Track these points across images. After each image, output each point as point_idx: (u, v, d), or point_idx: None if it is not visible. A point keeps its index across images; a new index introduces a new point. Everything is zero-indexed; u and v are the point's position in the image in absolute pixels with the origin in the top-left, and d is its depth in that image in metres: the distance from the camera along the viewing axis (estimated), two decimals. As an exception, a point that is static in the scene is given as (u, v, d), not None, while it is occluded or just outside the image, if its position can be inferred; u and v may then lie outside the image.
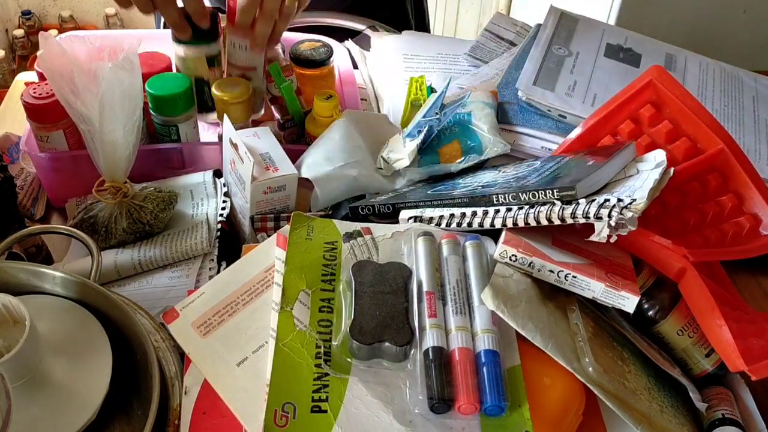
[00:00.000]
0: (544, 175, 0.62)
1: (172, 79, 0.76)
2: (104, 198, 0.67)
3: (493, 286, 0.54)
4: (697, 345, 0.60)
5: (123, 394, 0.50)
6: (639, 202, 0.53)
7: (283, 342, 0.53)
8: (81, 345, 0.51)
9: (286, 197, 0.68)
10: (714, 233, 0.63)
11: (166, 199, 0.69)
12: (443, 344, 0.52)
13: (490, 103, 0.79)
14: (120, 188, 0.67)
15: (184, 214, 0.71)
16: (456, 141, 0.76)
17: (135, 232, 0.68)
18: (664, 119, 0.68)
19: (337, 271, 0.58)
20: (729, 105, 0.87)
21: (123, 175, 0.67)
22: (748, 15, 1.65)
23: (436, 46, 1.02)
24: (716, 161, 0.65)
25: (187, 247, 0.66)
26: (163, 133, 0.76)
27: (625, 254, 0.61)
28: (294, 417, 0.49)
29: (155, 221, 0.68)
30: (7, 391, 0.41)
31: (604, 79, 0.85)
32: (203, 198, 0.72)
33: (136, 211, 0.67)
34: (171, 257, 0.66)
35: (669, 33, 1.57)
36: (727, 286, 0.65)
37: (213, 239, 0.67)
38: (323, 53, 0.83)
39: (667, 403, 0.56)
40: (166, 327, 0.56)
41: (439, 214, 0.62)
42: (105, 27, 2.34)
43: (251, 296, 0.57)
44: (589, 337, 0.55)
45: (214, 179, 0.74)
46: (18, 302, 0.48)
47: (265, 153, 0.68)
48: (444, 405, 0.49)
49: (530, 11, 1.97)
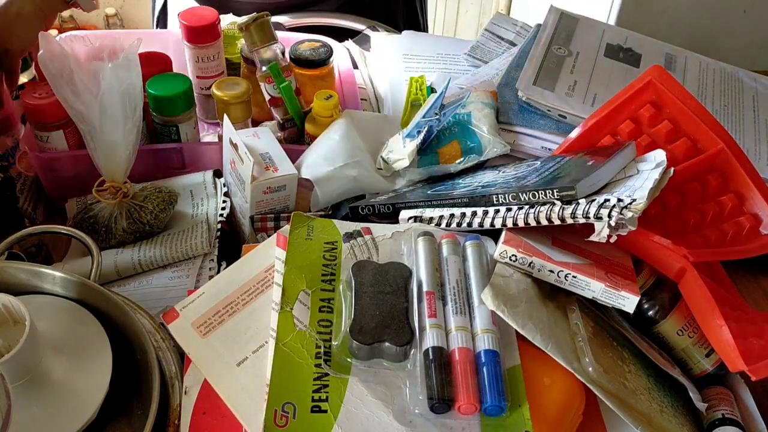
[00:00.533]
0: (544, 175, 0.62)
1: (172, 79, 0.76)
2: (104, 198, 0.67)
3: (493, 286, 0.54)
4: (697, 345, 0.60)
5: (123, 394, 0.50)
6: (639, 202, 0.53)
7: (283, 342, 0.53)
8: (81, 345, 0.51)
9: (286, 197, 0.68)
10: (714, 233, 0.63)
11: (166, 199, 0.69)
12: (443, 344, 0.52)
13: (489, 103, 0.79)
14: (120, 188, 0.67)
15: (184, 214, 0.71)
16: (456, 141, 0.76)
17: (135, 232, 0.68)
18: (664, 119, 0.68)
19: (337, 271, 0.58)
20: (729, 105, 0.87)
21: (123, 175, 0.67)
22: (748, 15, 1.65)
23: (436, 46, 1.02)
24: (716, 161, 0.65)
25: (187, 247, 0.66)
26: (163, 133, 0.76)
27: (625, 254, 0.61)
28: (294, 417, 0.49)
29: (155, 221, 0.68)
30: (7, 391, 0.41)
31: (604, 79, 0.85)
32: (203, 198, 0.72)
33: (136, 211, 0.67)
34: (171, 257, 0.66)
35: (669, 33, 1.57)
36: (727, 286, 0.65)
37: (213, 239, 0.67)
38: (323, 53, 0.83)
39: (667, 403, 0.56)
40: (166, 327, 0.56)
41: (439, 214, 0.62)
42: (105, 27, 2.34)
43: (251, 296, 0.57)
44: (589, 337, 0.55)
45: (214, 179, 0.74)
46: (18, 302, 0.48)
47: (265, 153, 0.68)
48: (444, 405, 0.49)
49: (530, 11, 1.97)
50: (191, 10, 0.85)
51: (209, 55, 0.84)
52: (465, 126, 0.77)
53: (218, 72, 0.86)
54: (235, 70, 0.89)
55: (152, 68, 0.78)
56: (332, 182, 0.69)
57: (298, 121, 0.80)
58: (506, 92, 0.83)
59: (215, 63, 0.85)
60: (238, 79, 0.78)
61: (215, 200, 0.72)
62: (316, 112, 0.76)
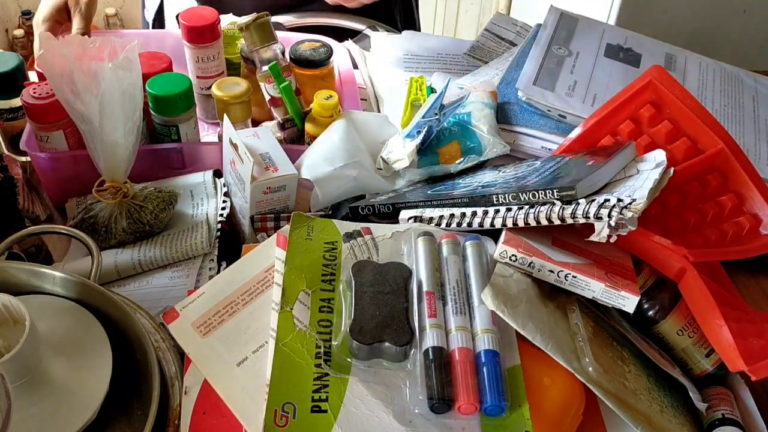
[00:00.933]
0: (544, 175, 0.62)
1: (172, 79, 0.75)
2: (104, 198, 0.67)
3: (493, 286, 0.54)
4: (697, 345, 0.60)
5: (123, 394, 0.50)
6: (639, 201, 0.53)
7: (283, 342, 0.53)
8: (81, 345, 0.51)
9: (286, 197, 0.68)
10: (714, 233, 0.63)
11: (166, 199, 0.69)
12: (443, 344, 0.52)
13: (489, 103, 0.79)
14: (120, 188, 0.67)
15: (185, 214, 0.71)
16: (456, 142, 0.76)
17: (135, 232, 0.68)
18: (664, 119, 0.68)
19: (337, 271, 0.58)
20: (729, 105, 0.87)
21: (123, 175, 0.67)
22: (748, 15, 1.65)
23: (436, 46, 1.02)
24: (716, 161, 0.65)
25: (187, 247, 0.66)
26: (163, 133, 0.76)
27: (625, 254, 0.61)
28: (294, 417, 0.49)
29: (155, 221, 0.68)
30: (7, 391, 0.41)
31: (604, 79, 0.85)
32: (203, 198, 0.72)
33: (136, 211, 0.67)
34: (171, 257, 0.66)
35: (669, 33, 1.57)
36: (727, 286, 0.65)
37: (213, 239, 0.67)
38: (323, 53, 0.83)
39: (667, 403, 0.56)
40: (166, 327, 0.56)
41: (439, 214, 0.62)
42: (105, 27, 2.34)
43: (251, 296, 0.57)
44: (589, 337, 0.55)
45: (214, 179, 0.74)
46: (18, 302, 0.48)
47: (265, 153, 0.68)
48: (444, 405, 0.49)
49: (530, 11, 1.97)
50: (191, 10, 0.84)
51: (209, 55, 0.84)
52: (465, 126, 0.77)
53: (218, 72, 0.86)
54: (235, 70, 0.89)
55: (152, 68, 0.78)
56: (332, 182, 0.69)
57: (298, 122, 0.80)
58: (506, 92, 0.83)
59: (215, 63, 0.85)
60: (238, 79, 0.78)
61: (215, 200, 0.72)
62: (317, 112, 0.76)
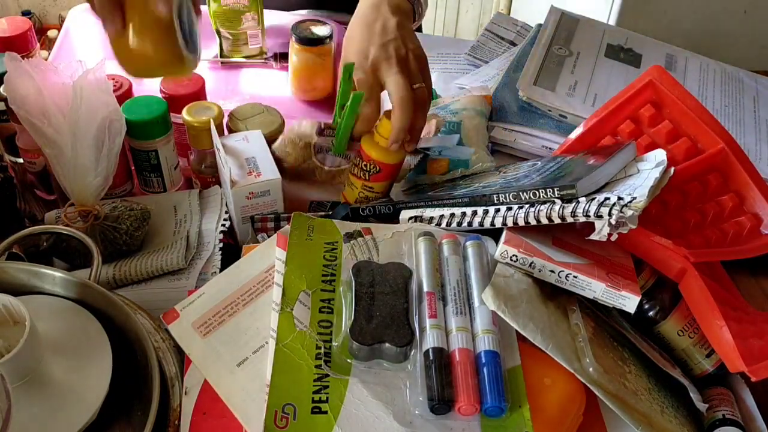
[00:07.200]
0: (544, 174, 0.62)
1: (147, 102, 0.71)
2: (74, 224, 0.63)
3: (493, 286, 0.54)
4: (698, 345, 0.59)
5: (123, 395, 0.50)
6: (639, 200, 0.53)
7: (284, 343, 0.53)
8: (81, 345, 0.51)
9: (272, 202, 0.67)
10: (714, 233, 0.63)
11: (139, 216, 0.67)
12: (443, 345, 0.52)
13: (482, 110, 0.79)
14: (90, 211, 0.64)
15: (166, 230, 0.69)
16: (445, 158, 0.75)
17: (111, 253, 0.65)
18: (664, 119, 0.68)
19: (338, 271, 0.58)
20: (729, 105, 0.87)
21: (94, 200, 0.64)
22: (749, 15, 1.65)
23: (436, 46, 1.02)
24: (716, 161, 0.65)
25: (162, 262, 0.63)
26: (141, 159, 0.72)
27: (626, 254, 0.61)
28: (294, 418, 0.49)
29: (131, 240, 0.66)
30: (7, 391, 0.41)
31: (605, 80, 0.85)
32: (186, 214, 0.70)
33: (111, 232, 0.65)
34: (146, 272, 0.64)
35: (669, 33, 1.57)
36: (727, 286, 0.65)
37: (191, 256, 0.65)
38: (324, 32, 0.87)
39: (667, 403, 0.56)
40: (166, 327, 0.56)
41: (439, 214, 0.62)
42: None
43: (251, 296, 0.57)
44: (590, 338, 0.54)
45: (198, 197, 0.72)
46: (18, 302, 0.48)
47: (251, 158, 0.67)
48: (444, 406, 0.49)
49: (530, 11, 1.97)
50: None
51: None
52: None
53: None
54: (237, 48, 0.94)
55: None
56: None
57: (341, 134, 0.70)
58: (506, 92, 0.83)
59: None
60: (210, 103, 0.74)
61: (198, 216, 0.70)
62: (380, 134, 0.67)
